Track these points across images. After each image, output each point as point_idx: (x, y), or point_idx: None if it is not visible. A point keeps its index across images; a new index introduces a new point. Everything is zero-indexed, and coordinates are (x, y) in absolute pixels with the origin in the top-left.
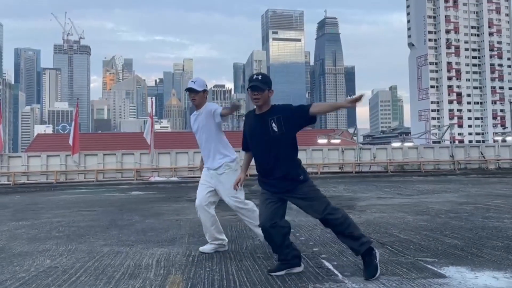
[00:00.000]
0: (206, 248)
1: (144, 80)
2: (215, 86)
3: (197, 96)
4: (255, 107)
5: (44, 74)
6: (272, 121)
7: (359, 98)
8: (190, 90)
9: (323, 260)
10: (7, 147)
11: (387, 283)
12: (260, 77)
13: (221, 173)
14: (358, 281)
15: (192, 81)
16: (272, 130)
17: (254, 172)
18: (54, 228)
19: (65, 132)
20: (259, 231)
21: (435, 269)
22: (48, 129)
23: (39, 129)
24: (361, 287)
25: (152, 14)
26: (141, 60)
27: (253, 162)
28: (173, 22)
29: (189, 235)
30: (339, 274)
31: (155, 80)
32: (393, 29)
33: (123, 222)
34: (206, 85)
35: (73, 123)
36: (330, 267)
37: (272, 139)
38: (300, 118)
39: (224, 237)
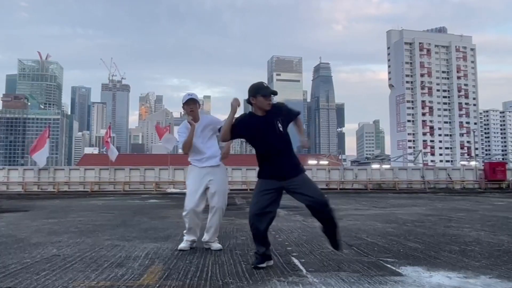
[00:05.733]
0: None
1: (172, 112)
2: None
3: (195, 108)
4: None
5: (93, 107)
6: (278, 122)
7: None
8: (193, 101)
9: (293, 258)
10: (62, 164)
11: (346, 278)
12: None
13: (217, 164)
14: (320, 276)
15: (189, 94)
16: (278, 130)
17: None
18: (73, 225)
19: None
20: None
21: (394, 268)
22: (94, 151)
23: (88, 150)
24: (321, 281)
25: (180, 63)
26: (170, 97)
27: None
28: (196, 69)
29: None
30: (303, 270)
31: (180, 113)
32: (375, 73)
33: (132, 222)
34: None
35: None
36: (297, 263)
37: (277, 136)
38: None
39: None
